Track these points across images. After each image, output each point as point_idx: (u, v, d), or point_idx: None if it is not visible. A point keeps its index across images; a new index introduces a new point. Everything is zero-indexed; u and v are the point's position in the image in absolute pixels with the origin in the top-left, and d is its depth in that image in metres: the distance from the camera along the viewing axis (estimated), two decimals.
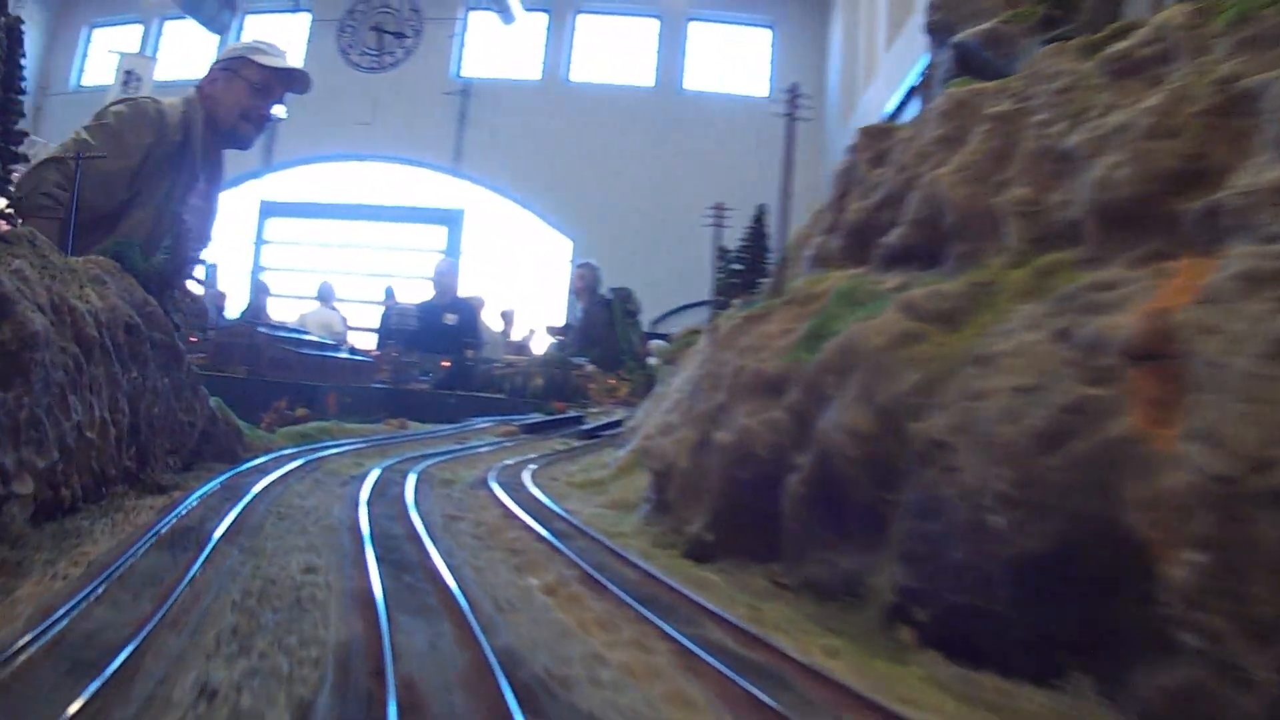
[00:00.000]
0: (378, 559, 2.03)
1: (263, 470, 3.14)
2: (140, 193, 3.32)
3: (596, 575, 2.05)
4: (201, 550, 1.99)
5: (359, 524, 2.41)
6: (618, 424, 5.72)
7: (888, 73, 15.55)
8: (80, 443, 2.12)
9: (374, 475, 3.20)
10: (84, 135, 3.24)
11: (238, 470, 3.13)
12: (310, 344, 5.76)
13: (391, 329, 9.54)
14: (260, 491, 2.75)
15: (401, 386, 7.95)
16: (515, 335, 13.73)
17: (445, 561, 2.04)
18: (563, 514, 2.79)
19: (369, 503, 2.72)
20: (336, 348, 6.43)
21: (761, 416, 2.29)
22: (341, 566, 2.01)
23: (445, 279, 10.94)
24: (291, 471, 3.20)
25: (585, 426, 5.72)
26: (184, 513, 2.35)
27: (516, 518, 2.70)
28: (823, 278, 2.58)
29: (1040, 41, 2.49)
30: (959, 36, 2.83)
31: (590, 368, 11.38)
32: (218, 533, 2.16)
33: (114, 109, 3.40)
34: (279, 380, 5.44)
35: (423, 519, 2.52)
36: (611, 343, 11.51)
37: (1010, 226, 2.09)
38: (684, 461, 2.54)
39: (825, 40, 20.97)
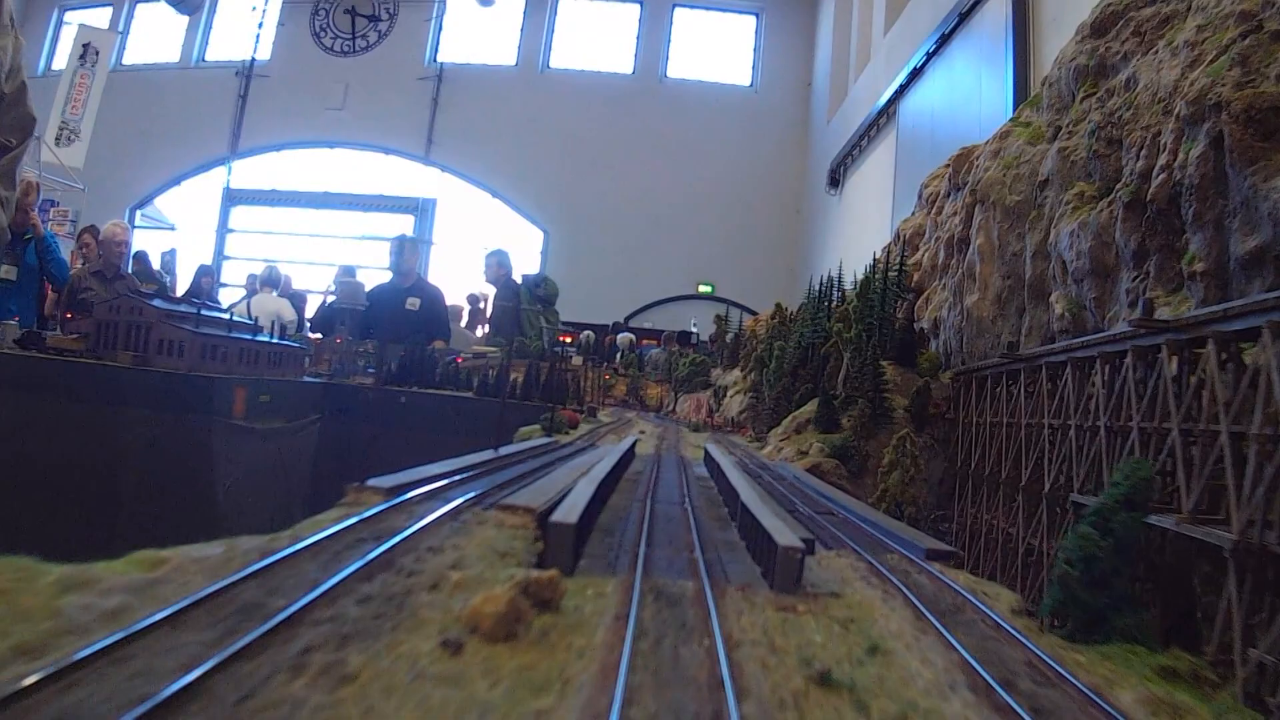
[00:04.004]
0: None
1: None
2: None
3: None
4: None
5: None
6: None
7: (887, 57, 15.19)
8: None
9: None
10: None
11: None
12: (215, 323, 4.97)
13: (335, 310, 8.54)
14: None
15: (340, 381, 7.06)
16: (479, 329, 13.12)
17: None
18: None
19: None
20: (255, 330, 5.62)
21: None
22: None
23: (406, 259, 9.64)
24: None
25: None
26: None
27: None
28: None
29: None
30: None
31: (577, 360, 10.76)
32: None
33: None
34: (171, 371, 4.66)
35: None
36: (517, 332, 10.84)
37: None
38: None
39: (814, 27, 20.96)
